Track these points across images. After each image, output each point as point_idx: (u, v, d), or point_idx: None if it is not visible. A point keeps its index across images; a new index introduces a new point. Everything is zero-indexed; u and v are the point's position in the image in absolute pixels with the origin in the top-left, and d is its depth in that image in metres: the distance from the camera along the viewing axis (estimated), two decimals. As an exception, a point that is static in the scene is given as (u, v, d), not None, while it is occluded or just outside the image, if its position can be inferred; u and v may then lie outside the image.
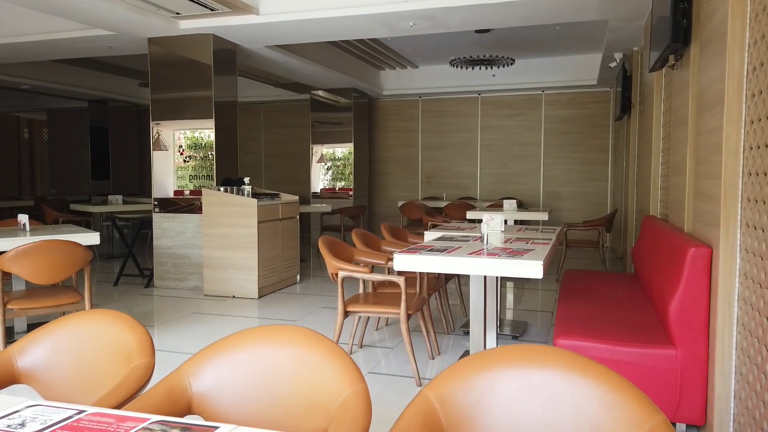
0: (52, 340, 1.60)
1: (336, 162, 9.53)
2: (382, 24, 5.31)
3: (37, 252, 3.27)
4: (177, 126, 6.01)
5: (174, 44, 5.72)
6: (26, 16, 5.64)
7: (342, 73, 8.02)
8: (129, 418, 0.98)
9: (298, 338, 1.35)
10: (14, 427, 0.94)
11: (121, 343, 1.56)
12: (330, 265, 3.23)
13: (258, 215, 5.27)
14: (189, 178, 6.12)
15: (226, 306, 5.04)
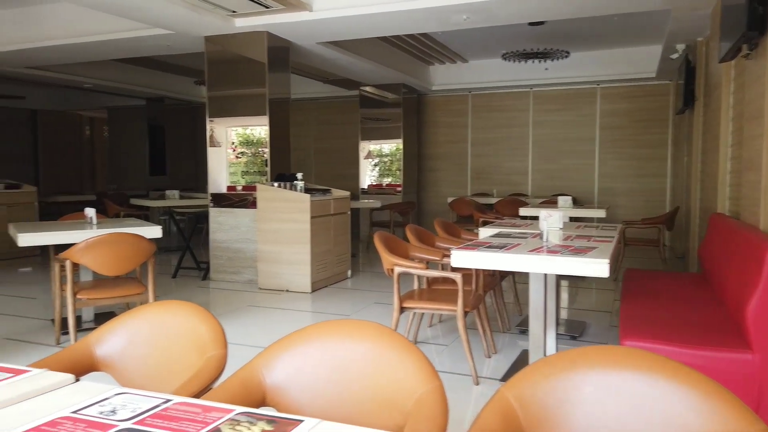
0: (129, 330, 1.65)
1: (383, 158, 9.54)
2: (434, 18, 5.26)
3: (104, 244, 3.40)
4: (231, 123, 6.14)
5: (229, 42, 5.83)
6: (90, 17, 5.87)
7: (391, 69, 8.00)
8: (214, 409, 0.99)
9: (370, 333, 1.34)
10: (106, 414, 0.97)
11: (194, 333, 1.60)
12: (386, 260, 3.23)
13: (311, 210, 5.32)
14: (241, 174, 6.25)
15: (280, 299, 5.12)
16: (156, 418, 0.95)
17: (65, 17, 6.05)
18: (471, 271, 3.46)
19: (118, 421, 0.94)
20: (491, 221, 5.64)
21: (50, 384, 1.12)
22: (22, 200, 7.45)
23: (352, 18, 5.15)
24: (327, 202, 5.65)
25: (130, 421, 0.94)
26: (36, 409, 1.01)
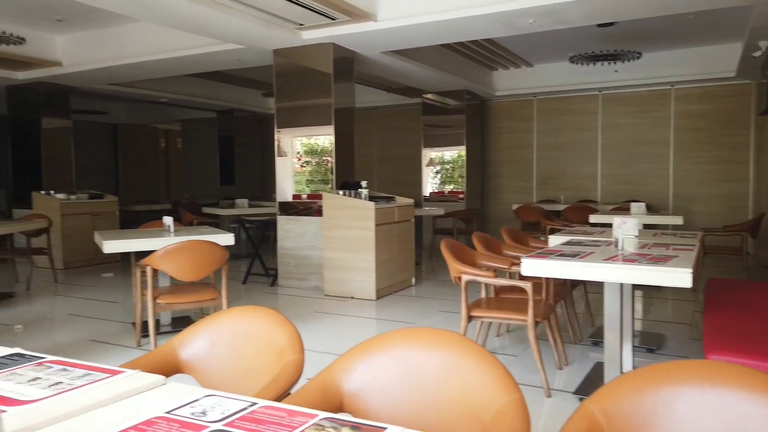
0: (210, 334, 1.71)
1: (445, 165, 9.50)
2: (500, 23, 5.21)
3: (182, 251, 3.56)
4: (297, 133, 6.30)
5: (296, 54, 5.99)
6: (167, 35, 6.18)
7: (454, 75, 7.97)
8: (299, 413, 1.01)
9: (446, 342, 1.34)
10: (197, 415, 1.01)
11: (272, 338, 1.64)
12: (453, 268, 3.20)
13: (375, 218, 5.36)
14: (305, 182, 6.39)
15: (345, 306, 5.18)
16: (244, 421, 0.98)
17: (145, 36, 6.41)
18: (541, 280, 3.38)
19: (209, 423, 0.98)
20: (560, 229, 5.49)
21: (143, 385, 1.18)
22: (104, 209, 7.91)
23: (416, 26, 5.18)
24: (391, 209, 5.67)
25: (220, 422, 0.98)
26: (132, 408, 1.06)
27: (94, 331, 4.40)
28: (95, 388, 1.15)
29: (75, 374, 1.23)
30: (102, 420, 1.00)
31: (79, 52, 7.10)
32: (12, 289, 6.05)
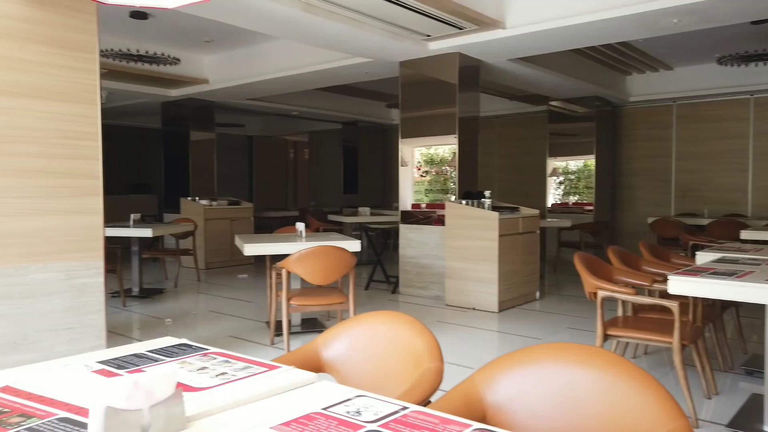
0: (350, 336, 1.77)
1: (569, 175, 9.10)
2: (640, 25, 4.90)
3: (315, 256, 3.72)
4: (421, 143, 6.36)
5: (422, 65, 6.06)
6: (302, 52, 6.55)
7: (584, 81, 7.63)
8: (452, 421, 1.01)
9: (601, 360, 1.26)
10: (352, 414, 1.04)
11: (409, 344, 1.65)
12: (588, 283, 3.04)
13: (499, 228, 5.25)
14: (425, 192, 6.42)
15: (467, 317, 5.12)
16: (398, 424, 0.99)
17: (282, 54, 6.84)
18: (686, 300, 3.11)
19: (365, 423, 1.00)
20: (704, 245, 5.03)
21: (298, 381, 1.24)
22: (241, 215, 8.52)
23: (547, 32, 5.03)
24: (515, 220, 5.53)
25: (375, 423, 1.00)
26: (290, 402, 1.12)
27: (231, 328, 4.74)
28: (256, 380, 1.23)
29: (237, 366, 1.32)
30: (264, 411, 1.07)
31: (223, 70, 7.74)
32: (162, 286, 6.69)
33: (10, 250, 2.79)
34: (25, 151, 2.83)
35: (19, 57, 2.78)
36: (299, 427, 0.97)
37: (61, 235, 2.97)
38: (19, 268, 2.84)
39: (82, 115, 3.03)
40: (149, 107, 9.43)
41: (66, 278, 3.00)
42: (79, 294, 3.06)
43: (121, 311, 5.37)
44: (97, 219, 3.12)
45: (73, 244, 3.02)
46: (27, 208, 2.85)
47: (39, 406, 1.06)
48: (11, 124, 2.77)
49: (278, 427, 0.98)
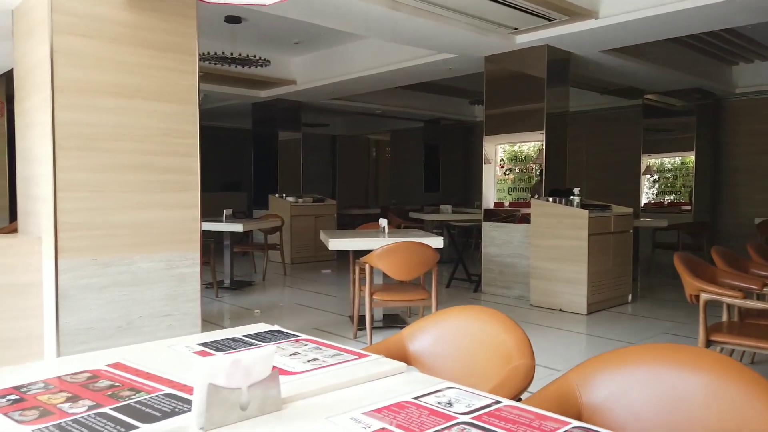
0: (437, 330, 1.75)
1: (664, 173, 8.56)
2: (747, 9, 4.52)
3: (398, 251, 3.74)
4: (506, 140, 6.22)
5: (508, 60, 5.93)
6: (387, 51, 6.60)
7: (683, 72, 7.16)
8: (549, 418, 0.96)
9: (709, 363, 1.17)
10: (443, 405, 1.02)
11: (498, 340, 1.61)
12: (689, 285, 2.85)
13: (589, 227, 5.04)
14: (508, 190, 6.27)
15: (553, 318, 4.95)
16: (492, 417, 0.96)
17: (368, 53, 6.93)
18: (804, 307, 2.84)
19: (457, 414, 0.98)
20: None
21: (387, 370, 1.23)
22: (325, 212, 8.72)
23: (644, 20, 4.75)
24: (607, 218, 5.28)
25: (468, 416, 0.97)
26: (380, 390, 1.12)
27: (316, 321, 4.85)
28: (346, 367, 1.24)
29: (327, 353, 1.34)
30: (355, 397, 1.07)
31: (310, 70, 7.96)
32: (251, 279, 6.97)
33: (117, 241, 3.00)
34: (131, 148, 3.03)
35: (127, 60, 2.99)
36: (390, 414, 0.97)
37: (162, 228, 3.16)
38: (125, 258, 3.05)
39: (182, 114, 3.22)
40: (241, 108, 9.87)
41: (167, 268, 3.20)
42: (178, 283, 3.25)
43: (213, 301, 5.65)
44: (195, 213, 3.29)
45: (173, 236, 3.21)
46: (132, 201, 3.06)
47: (146, 382, 1.13)
48: (119, 122, 2.98)
49: (370, 413, 0.98)
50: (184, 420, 0.94)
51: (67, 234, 2.84)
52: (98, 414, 0.96)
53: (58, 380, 1.15)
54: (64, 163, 2.82)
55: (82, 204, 2.88)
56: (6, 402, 1.01)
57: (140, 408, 0.99)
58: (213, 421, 0.91)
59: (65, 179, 2.82)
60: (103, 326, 2.95)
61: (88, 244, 2.91)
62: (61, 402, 1.01)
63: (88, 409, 0.98)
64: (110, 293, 2.98)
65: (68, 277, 2.85)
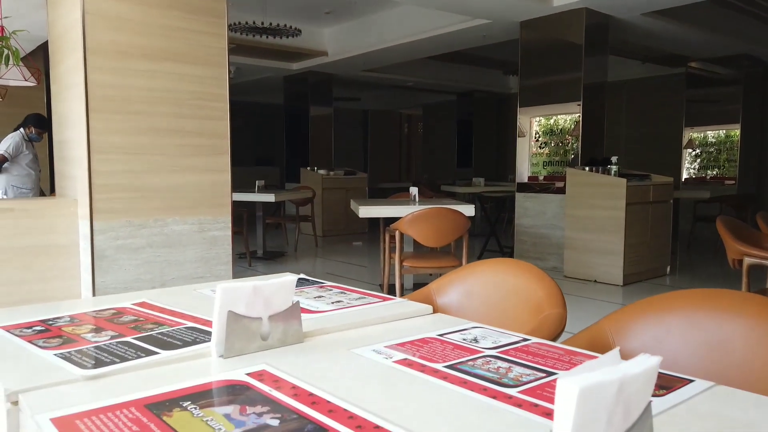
0: (465, 283, 1.71)
1: (707, 147, 8.23)
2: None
3: (428, 218, 3.69)
4: (541, 111, 6.06)
5: (545, 25, 5.73)
6: (418, 18, 6.47)
7: (732, 37, 6.81)
8: (578, 353, 0.92)
9: (753, 308, 1.10)
10: (469, 341, 0.99)
11: (528, 292, 1.56)
12: (732, 249, 2.73)
13: (626, 196, 4.88)
14: (542, 164, 6.12)
15: (588, 289, 4.85)
16: (519, 352, 0.93)
17: (401, 21, 6.81)
18: None
19: (483, 348, 0.94)
20: None
21: (414, 310, 1.21)
22: (356, 185, 8.71)
23: (688, -22, 4.52)
24: (645, 188, 5.12)
25: (494, 350, 0.94)
26: (405, 328, 1.09)
27: (347, 289, 4.86)
28: (371, 308, 1.21)
29: (352, 297, 1.32)
30: (378, 334, 1.04)
31: (342, 41, 7.88)
32: (283, 250, 7.04)
33: (150, 204, 3.04)
34: (162, 111, 3.05)
35: (157, 23, 2.99)
36: (414, 348, 0.94)
37: (193, 191, 3.19)
38: (158, 220, 3.09)
39: (211, 78, 3.21)
40: (273, 83, 9.87)
41: (198, 231, 3.23)
42: (210, 246, 3.28)
43: (246, 270, 5.72)
44: (225, 177, 3.30)
45: (204, 200, 3.23)
46: (165, 165, 3.08)
47: (170, 318, 1.13)
48: (150, 86, 2.99)
49: (393, 347, 0.95)
50: (204, 348, 0.93)
51: (101, 196, 2.89)
52: (120, 342, 0.96)
53: (83, 315, 1.16)
54: (98, 125, 2.85)
55: (116, 166, 2.92)
56: (32, 332, 1.02)
57: (162, 338, 0.98)
58: (233, 349, 0.90)
59: (99, 141, 2.86)
60: (138, 286, 3.01)
61: (122, 206, 2.95)
62: (85, 333, 1.02)
63: (111, 339, 0.98)
64: (145, 254, 3.03)
65: (103, 238, 2.90)
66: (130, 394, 0.74)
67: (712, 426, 0.66)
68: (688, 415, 0.69)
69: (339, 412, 0.68)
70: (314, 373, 0.82)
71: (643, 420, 0.51)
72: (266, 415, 0.67)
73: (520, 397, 0.73)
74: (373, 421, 0.65)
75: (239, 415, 0.67)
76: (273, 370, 0.83)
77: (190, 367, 0.86)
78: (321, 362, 0.88)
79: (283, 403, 0.71)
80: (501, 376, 0.81)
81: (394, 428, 0.64)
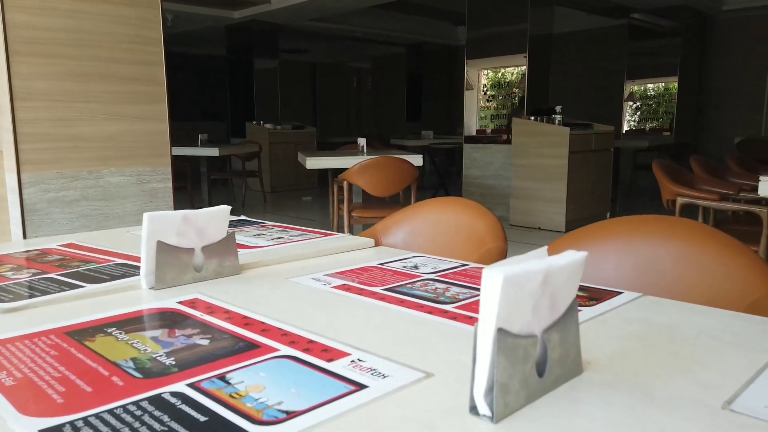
0: (411, 223, 1.71)
1: (647, 101, 8.47)
2: None
3: (376, 167, 3.67)
4: (488, 64, 6.05)
5: (492, -28, 5.67)
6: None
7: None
8: (516, 274, 0.93)
9: (683, 231, 1.14)
10: (409, 267, 0.99)
11: (471, 228, 1.58)
12: (667, 189, 2.84)
13: (569, 145, 4.99)
14: (490, 117, 6.16)
15: (532, 236, 4.99)
16: (458, 275, 0.93)
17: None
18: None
19: (422, 274, 0.94)
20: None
21: (356, 243, 1.19)
22: (305, 140, 8.56)
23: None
24: (587, 136, 5.24)
25: (433, 274, 0.94)
26: (346, 259, 1.08)
27: (297, 242, 4.83)
28: (312, 242, 1.19)
29: (293, 233, 1.29)
30: (319, 265, 1.03)
31: (285, -13, 7.56)
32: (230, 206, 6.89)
33: (83, 154, 2.88)
34: (93, 55, 2.86)
35: (81, -42, 2.77)
36: (353, 275, 0.93)
37: (130, 141, 3.04)
38: (93, 172, 2.94)
39: (144, 20, 3.02)
40: (215, 33, 9.44)
41: (137, 183, 3.10)
42: (150, 199, 3.16)
43: (192, 226, 5.58)
44: (163, 126, 3.16)
45: (142, 150, 3.09)
46: (97, 113, 2.92)
47: (98, 256, 1.07)
48: (79, 27, 2.79)
49: (333, 275, 0.94)
50: (134, 281, 0.89)
51: (28, 146, 2.72)
52: (42, 278, 0.91)
53: (4, 256, 1.09)
54: (21, 69, 2.65)
55: (43, 114, 2.74)
56: (-54, 272, 0.96)
57: (88, 273, 0.94)
58: (164, 280, 0.87)
59: (23, 87, 2.67)
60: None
61: (52, 156, 2.79)
62: (5, 272, 0.96)
63: (32, 276, 0.93)
64: (79, 208, 2.90)
65: (33, 191, 2.75)
66: (51, 323, 0.70)
67: (638, 329, 0.68)
68: (617, 320, 0.71)
69: (273, 331, 0.67)
70: (250, 300, 0.80)
71: (570, 314, 0.52)
72: (196, 336, 0.65)
73: (456, 312, 0.73)
74: (307, 337, 0.64)
75: (167, 338, 0.65)
76: (206, 299, 0.80)
77: (118, 299, 0.82)
78: (257, 290, 0.86)
79: (215, 325, 0.69)
80: (438, 296, 0.81)
81: (328, 341, 0.63)
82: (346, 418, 0.46)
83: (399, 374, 0.54)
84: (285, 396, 0.49)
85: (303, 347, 0.61)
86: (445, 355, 0.60)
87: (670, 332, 0.67)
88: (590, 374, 0.54)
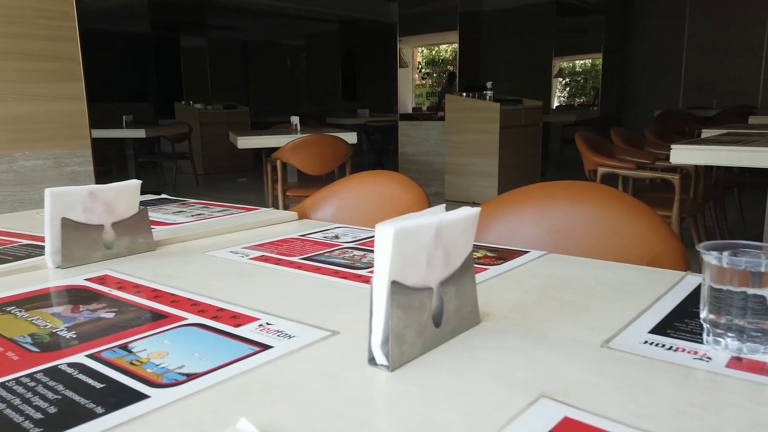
0: (339, 197, 1.72)
1: (576, 77, 8.77)
2: None
3: (309, 145, 3.63)
4: (420, 41, 6.08)
5: (421, -52, 5.67)
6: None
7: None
8: (433, 239, 0.96)
9: (594, 194, 1.21)
10: (330, 238, 0.99)
11: (398, 199, 1.60)
12: (588, 160, 2.97)
13: (500, 120, 5.11)
14: (426, 95, 6.21)
15: (467, 210, 5.10)
16: (377, 242, 0.94)
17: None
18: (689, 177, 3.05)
19: (341, 243, 0.95)
20: (711, 133, 4.90)
21: (278, 217, 1.19)
22: (238, 120, 8.35)
23: None
24: (518, 111, 5.38)
25: (353, 243, 0.95)
26: (268, 234, 1.07)
27: (232, 224, 4.73)
28: (233, 217, 1.18)
29: (215, 209, 1.27)
30: (238, 240, 1.02)
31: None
32: (161, 190, 6.66)
33: (-7, 137, 2.70)
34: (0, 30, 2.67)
35: (-23, -77, 2.56)
36: (273, 247, 0.93)
37: (44, 122, 2.87)
38: (4, 155, 2.77)
39: (54, -8, 2.84)
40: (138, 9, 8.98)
41: (54, 166, 2.94)
42: (70, 183, 3.01)
43: (121, 212, 5.36)
44: (81, 105, 3.00)
45: (58, 131, 2.93)
46: (6, 92, 2.73)
47: (3, 238, 1.02)
48: (-22, 0, 2.59)
49: (251, 247, 0.93)
50: (40, 260, 0.85)
51: (-71, 129, 2.52)
52: (-62, 262, 0.85)
53: None
54: None
55: (-57, 94, 2.54)
56: None
57: (-10, 255, 0.89)
58: (72, 259, 0.83)
59: None
60: (-13, 229, 2.71)
61: (-44, 140, 2.60)
62: None
63: (-73, 260, 0.87)
64: (-8, 194, 2.72)
65: (-63, 177, 2.56)
66: (-58, 306, 0.66)
67: (542, 281, 0.72)
68: (522, 275, 0.75)
69: (182, 301, 0.66)
70: (161, 274, 0.79)
71: (465, 267, 0.54)
72: (101, 311, 0.63)
73: (369, 275, 0.75)
74: (216, 305, 0.64)
75: (70, 313, 0.63)
76: (117, 275, 0.78)
77: (21, 279, 0.78)
78: (170, 265, 0.84)
79: (122, 299, 0.67)
80: (354, 262, 0.82)
81: (238, 308, 0.63)
82: (245, 377, 0.46)
83: (305, 334, 0.55)
84: (187, 360, 0.49)
85: (212, 315, 0.61)
86: (353, 315, 0.61)
87: (569, 284, 0.71)
88: (488, 323, 0.57)
